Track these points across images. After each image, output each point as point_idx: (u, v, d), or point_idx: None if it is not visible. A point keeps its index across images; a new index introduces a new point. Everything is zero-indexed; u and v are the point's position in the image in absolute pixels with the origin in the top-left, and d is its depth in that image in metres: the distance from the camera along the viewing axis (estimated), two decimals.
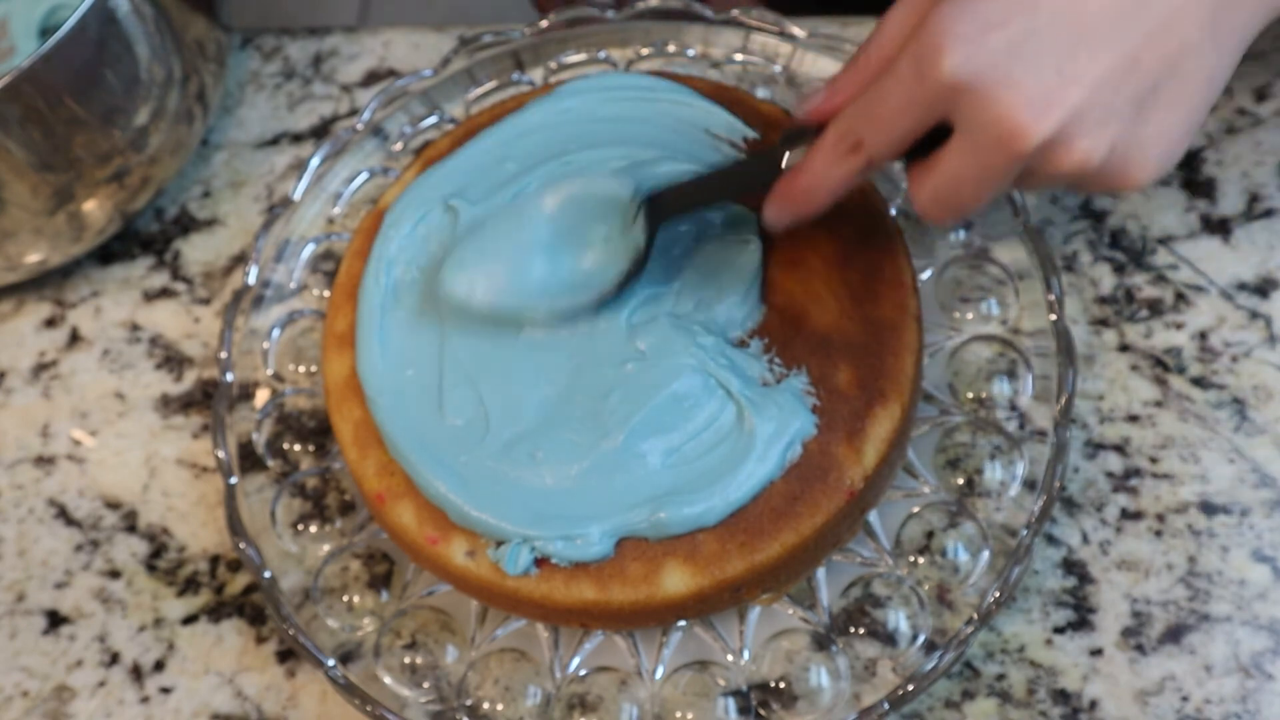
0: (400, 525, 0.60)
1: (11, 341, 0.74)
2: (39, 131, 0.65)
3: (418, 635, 0.61)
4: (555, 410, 0.59)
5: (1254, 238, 0.69)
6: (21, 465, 0.71)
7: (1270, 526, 0.62)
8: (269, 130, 0.78)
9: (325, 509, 0.65)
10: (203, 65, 0.74)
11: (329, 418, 0.63)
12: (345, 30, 0.81)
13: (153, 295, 0.74)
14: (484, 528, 0.57)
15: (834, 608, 0.61)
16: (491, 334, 0.61)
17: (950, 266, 0.67)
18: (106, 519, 0.69)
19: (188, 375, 0.72)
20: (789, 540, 0.57)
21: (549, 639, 0.61)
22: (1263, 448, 0.64)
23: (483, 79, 0.75)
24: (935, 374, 0.65)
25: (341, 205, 0.73)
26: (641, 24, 0.74)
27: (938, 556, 0.61)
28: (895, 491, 0.63)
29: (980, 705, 0.60)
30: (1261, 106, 0.71)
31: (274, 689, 0.64)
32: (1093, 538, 0.63)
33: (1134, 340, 0.67)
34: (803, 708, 0.59)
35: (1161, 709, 0.59)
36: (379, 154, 0.74)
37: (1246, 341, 0.66)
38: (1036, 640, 0.61)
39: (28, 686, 0.65)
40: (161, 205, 0.77)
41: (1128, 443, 0.65)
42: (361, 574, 0.64)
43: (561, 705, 0.60)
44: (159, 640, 0.66)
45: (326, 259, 0.72)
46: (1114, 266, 0.68)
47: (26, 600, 0.67)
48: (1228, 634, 0.60)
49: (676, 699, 0.59)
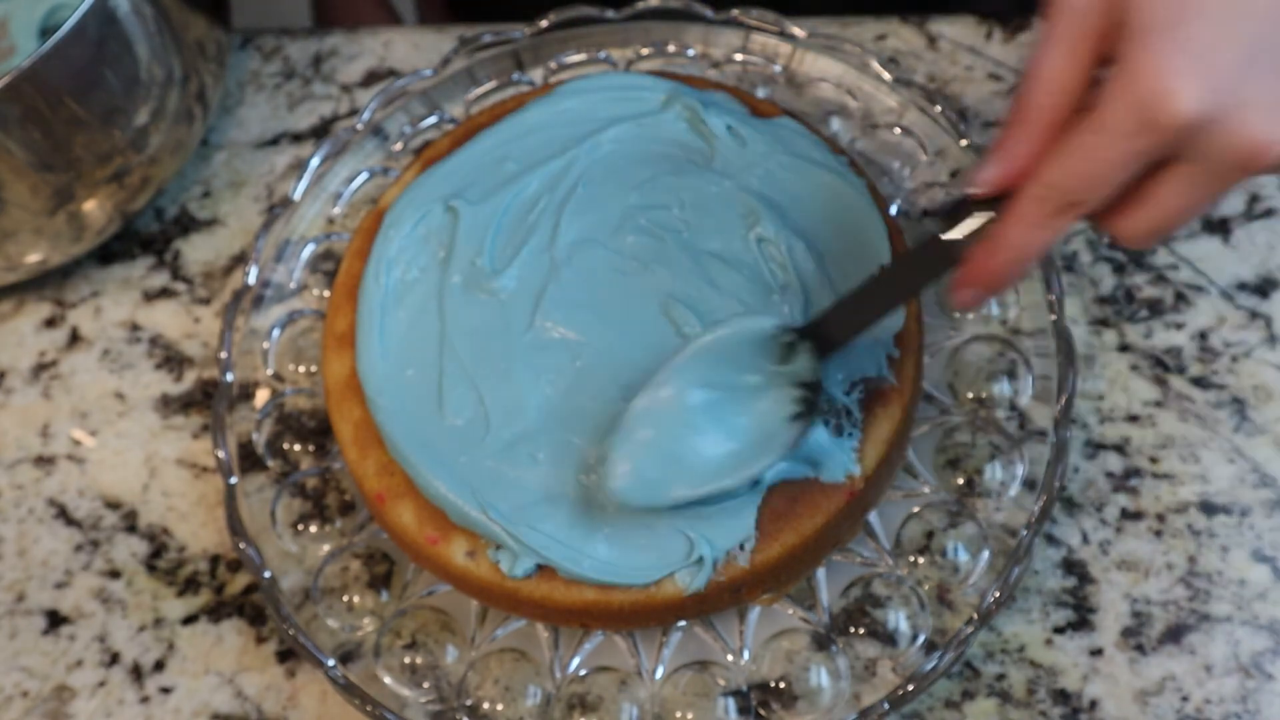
0: (400, 525, 0.60)
1: (11, 341, 0.74)
2: (39, 131, 0.65)
3: (418, 635, 0.61)
4: (557, 411, 0.59)
5: (1254, 238, 0.69)
6: (21, 465, 0.71)
7: (1270, 526, 0.62)
8: (269, 130, 0.78)
9: (325, 509, 0.65)
10: (203, 65, 0.74)
11: (329, 418, 0.63)
12: (345, 30, 0.81)
13: (153, 295, 0.74)
14: (484, 528, 0.57)
15: (834, 608, 0.61)
16: (492, 334, 0.61)
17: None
18: (106, 519, 0.69)
19: (188, 375, 0.72)
20: (789, 540, 0.57)
21: (549, 639, 0.61)
22: (1263, 448, 0.64)
23: (483, 79, 0.75)
24: (935, 374, 0.65)
25: (341, 205, 0.73)
26: (641, 24, 0.74)
27: (938, 556, 0.61)
28: (895, 491, 0.63)
29: (980, 705, 0.60)
30: None
31: (274, 689, 0.64)
32: (1093, 538, 0.63)
33: (1134, 340, 0.67)
34: (803, 708, 0.59)
35: (1161, 709, 0.59)
36: (379, 154, 0.74)
37: (1246, 341, 0.66)
38: (1036, 640, 0.61)
39: (28, 686, 0.65)
40: (161, 205, 0.77)
41: (1128, 443, 0.65)
42: (361, 574, 0.64)
43: (561, 705, 0.60)
44: (159, 640, 0.66)
45: (326, 259, 0.72)
46: (1114, 266, 0.68)
47: (26, 600, 0.67)
48: (1228, 634, 0.60)
49: (676, 699, 0.59)
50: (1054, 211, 0.46)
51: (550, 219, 0.63)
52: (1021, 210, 0.47)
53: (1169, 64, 0.43)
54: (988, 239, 0.49)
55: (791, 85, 0.73)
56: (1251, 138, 0.44)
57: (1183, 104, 0.43)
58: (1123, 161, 0.45)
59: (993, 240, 0.48)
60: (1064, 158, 0.46)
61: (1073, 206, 0.46)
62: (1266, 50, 0.44)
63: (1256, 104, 0.44)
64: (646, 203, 0.63)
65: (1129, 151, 0.45)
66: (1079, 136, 0.45)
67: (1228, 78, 0.43)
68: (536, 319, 0.60)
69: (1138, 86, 0.44)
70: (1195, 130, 0.44)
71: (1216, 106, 0.43)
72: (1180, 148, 0.45)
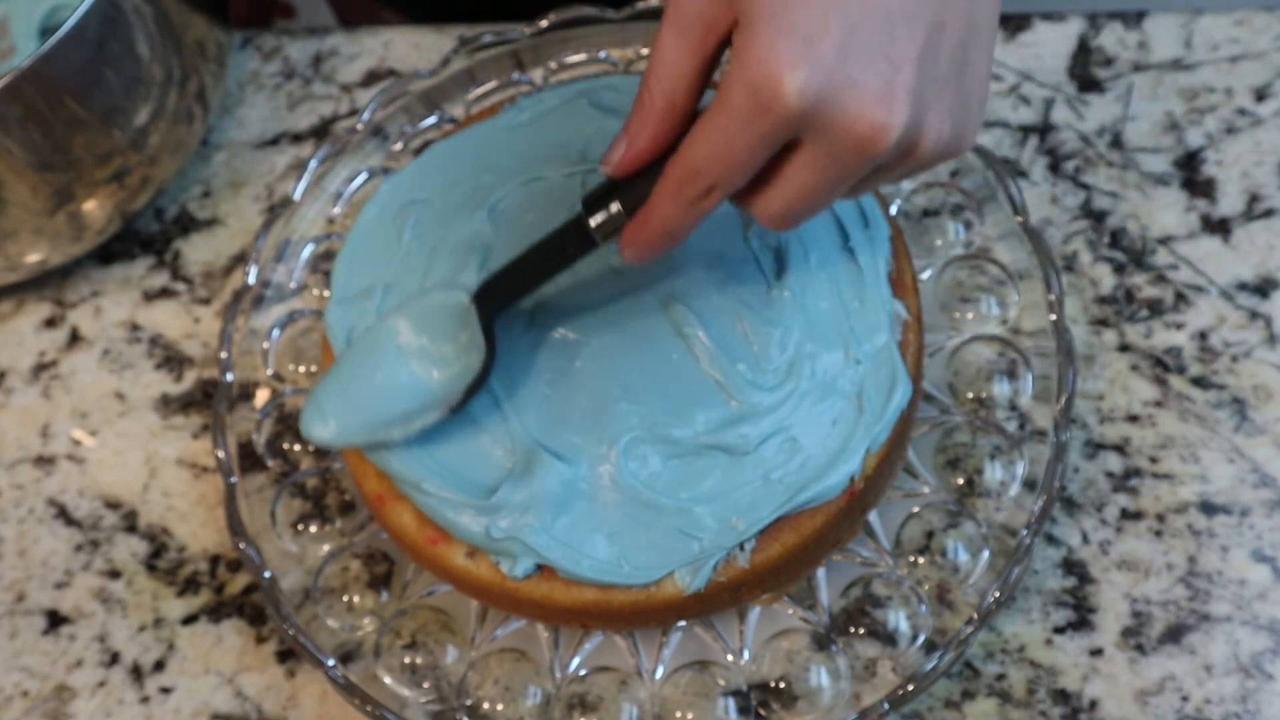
0: (400, 525, 0.60)
1: (11, 341, 0.74)
2: (39, 131, 0.65)
3: (418, 635, 0.61)
4: (557, 411, 0.59)
5: (1254, 238, 0.69)
6: (21, 465, 0.71)
7: (1270, 526, 0.62)
8: (269, 130, 0.78)
9: (325, 509, 0.65)
10: (203, 65, 0.74)
11: None
12: (345, 30, 0.81)
13: (153, 295, 0.74)
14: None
15: (834, 608, 0.61)
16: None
17: (950, 266, 0.67)
18: (106, 519, 0.69)
19: (188, 375, 0.72)
20: (789, 540, 0.57)
21: (549, 639, 0.61)
22: (1263, 448, 0.64)
23: (483, 79, 0.75)
24: (935, 374, 0.65)
25: (341, 205, 0.73)
26: (641, 24, 0.74)
27: (938, 556, 0.61)
28: (895, 491, 0.63)
29: (980, 705, 0.60)
30: (1261, 106, 0.71)
31: (274, 689, 0.64)
32: (1093, 538, 0.63)
33: (1134, 340, 0.67)
34: (803, 708, 0.59)
35: (1161, 709, 0.59)
36: (379, 154, 0.74)
37: (1246, 341, 0.66)
38: (1036, 640, 0.61)
39: (28, 686, 0.65)
40: (161, 205, 0.77)
41: (1128, 443, 0.65)
42: (361, 574, 0.64)
43: (561, 705, 0.60)
44: (159, 640, 0.66)
45: (326, 259, 0.72)
46: (1114, 266, 0.68)
47: (26, 600, 0.67)
48: (1228, 634, 0.60)
49: (676, 699, 0.59)
50: (699, 194, 0.48)
51: (549, 219, 0.62)
52: (667, 188, 0.49)
53: (775, 50, 0.44)
54: (642, 209, 0.51)
55: None
56: (863, 119, 0.45)
57: (790, 88, 0.44)
58: (747, 144, 0.46)
59: (646, 211, 0.50)
60: (698, 139, 0.47)
61: (713, 189, 0.48)
62: (869, 32, 0.45)
63: (865, 87, 0.45)
64: None
65: (752, 134, 0.46)
66: (708, 119, 0.47)
67: (832, 61, 0.45)
68: (536, 319, 0.60)
69: (749, 72, 0.45)
70: (808, 113, 0.45)
71: (824, 89, 0.45)
72: (800, 130, 0.46)
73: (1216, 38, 0.73)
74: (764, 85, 0.45)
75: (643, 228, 0.51)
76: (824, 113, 0.45)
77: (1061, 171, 0.71)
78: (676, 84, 0.48)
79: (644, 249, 0.52)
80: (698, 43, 0.48)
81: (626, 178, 0.51)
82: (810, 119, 0.45)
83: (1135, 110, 0.72)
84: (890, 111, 0.45)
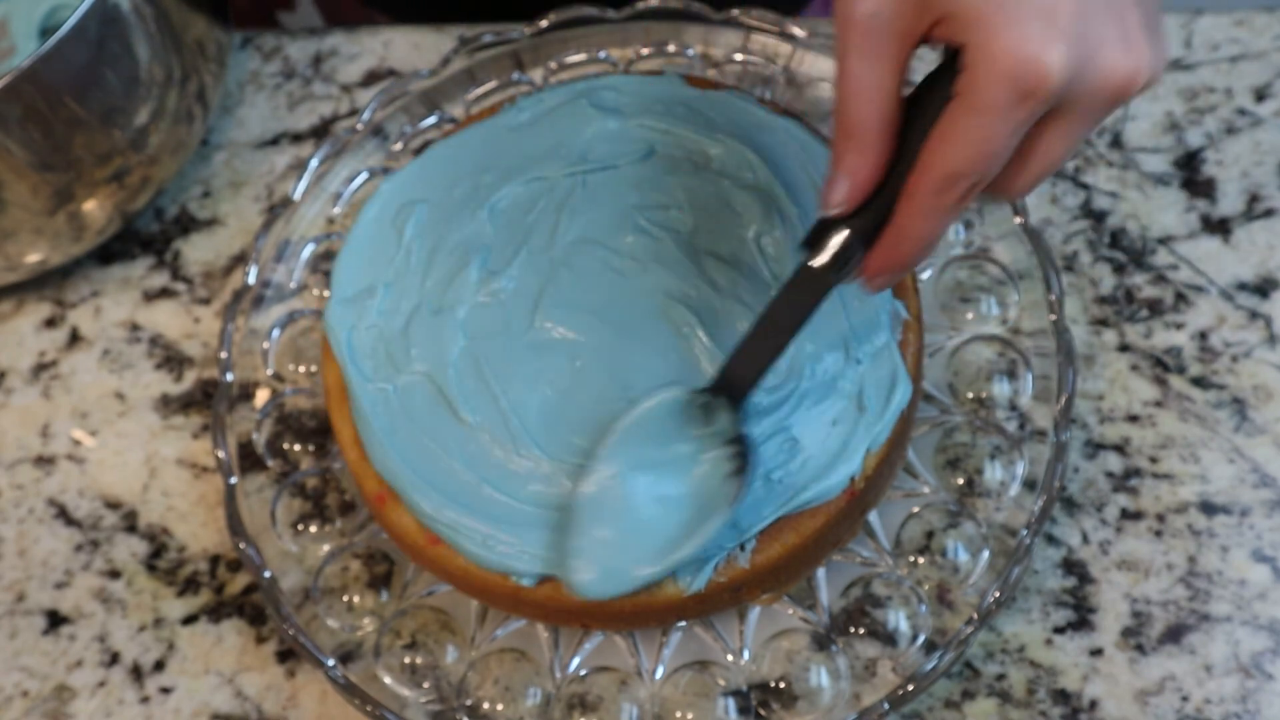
0: (400, 525, 0.60)
1: (11, 341, 0.74)
2: (39, 131, 0.65)
3: (418, 635, 0.61)
4: (557, 411, 0.59)
5: (1254, 238, 0.69)
6: (21, 465, 0.71)
7: (1270, 526, 0.62)
8: (269, 130, 0.78)
9: (325, 509, 0.65)
10: (203, 65, 0.74)
11: (329, 418, 0.63)
12: (345, 30, 0.81)
13: (153, 295, 0.74)
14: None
15: (834, 608, 0.61)
16: (491, 335, 0.61)
17: (950, 266, 0.67)
18: (106, 519, 0.69)
19: (188, 375, 0.72)
20: (789, 540, 0.57)
21: (549, 639, 0.61)
22: (1263, 448, 0.64)
23: (483, 79, 0.75)
24: (935, 374, 0.65)
25: (341, 205, 0.73)
26: (641, 24, 0.74)
27: (938, 556, 0.61)
28: (895, 491, 0.63)
29: (980, 705, 0.60)
30: (1261, 106, 0.71)
31: (274, 689, 0.64)
32: (1093, 538, 0.63)
33: (1134, 340, 0.67)
34: (803, 708, 0.59)
35: (1161, 709, 0.59)
36: (379, 154, 0.74)
37: (1246, 341, 0.66)
38: (1036, 640, 0.61)
39: (28, 686, 0.65)
40: (161, 205, 0.77)
41: (1128, 443, 0.65)
42: (361, 574, 0.64)
43: (561, 705, 0.60)
44: (159, 640, 0.66)
45: (326, 259, 0.72)
46: (1114, 266, 0.68)
47: (26, 600, 0.67)
48: (1228, 634, 0.60)
49: (676, 699, 0.59)
50: (956, 198, 0.48)
51: (549, 219, 0.63)
52: (920, 203, 0.49)
53: (1024, 35, 0.45)
54: (890, 233, 0.50)
55: (791, 85, 0.73)
56: (1117, 72, 0.46)
57: (1053, 66, 0.45)
58: (1009, 134, 0.47)
59: (894, 233, 0.50)
60: (953, 145, 0.47)
61: (974, 187, 0.48)
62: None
63: (1109, 40, 0.46)
64: (645, 202, 0.63)
65: (1013, 123, 0.46)
66: (958, 122, 0.47)
67: (1078, 28, 0.45)
68: (536, 319, 0.61)
69: (1001, 64, 0.45)
70: (1069, 84, 0.46)
71: (1080, 57, 0.45)
72: (1057, 103, 0.47)
73: (1216, 38, 0.73)
74: (1024, 72, 0.45)
75: (894, 250, 0.50)
76: (1084, 79, 0.46)
77: (1061, 171, 0.71)
78: (885, 104, 0.48)
79: (898, 270, 0.51)
80: (894, 58, 0.48)
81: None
82: (1072, 89, 0.46)
83: (1135, 110, 0.72)
84: (1136, 54, 0.46)
